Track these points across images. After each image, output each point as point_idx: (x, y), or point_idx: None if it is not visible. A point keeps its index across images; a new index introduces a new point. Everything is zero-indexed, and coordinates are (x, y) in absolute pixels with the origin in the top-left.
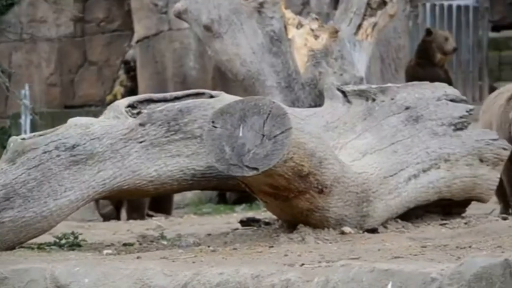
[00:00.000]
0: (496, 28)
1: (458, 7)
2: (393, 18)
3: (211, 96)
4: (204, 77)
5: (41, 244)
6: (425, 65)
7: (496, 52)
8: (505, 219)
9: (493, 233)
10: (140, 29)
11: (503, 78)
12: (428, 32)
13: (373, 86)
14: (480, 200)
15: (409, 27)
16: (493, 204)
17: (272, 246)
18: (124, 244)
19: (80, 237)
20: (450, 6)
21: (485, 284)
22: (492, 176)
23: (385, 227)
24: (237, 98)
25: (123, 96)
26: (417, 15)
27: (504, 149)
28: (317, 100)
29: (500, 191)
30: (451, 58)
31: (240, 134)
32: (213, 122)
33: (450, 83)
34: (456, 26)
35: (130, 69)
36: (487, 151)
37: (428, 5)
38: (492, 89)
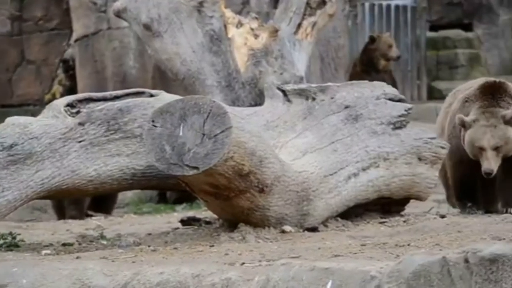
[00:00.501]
0: (434, 27)
1: (397, 7)
2: (333, 18)
3: (151, 95)
4: (144, 76)
5: None
6: (370, 71)
7: (434, 52)
8: (443, 217)
9: (431, 231)
10: (79, 28)
11: (441, 77)
12: (372, 39)
13: (313, 85)
14: (419, 198)
15: (348, 26)
16: (432, 202)
17: (212, 245)
18: (63, 244)
19: (18, 238)
20: (388, 6)
21: (423, 282)
22: (430, 174)
23: (326, 226)
24: (177, 97)
25: (62, 95)
26: (356, 15)
27: (442, 147)
28: (258, 99)
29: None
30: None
31: (180, 133)
32: (153, 121)
33: (396, 87)
34: (395, 26)
35: (69, 68)
36: (426, 150)
37: (367, 4)
38: (430, 88)
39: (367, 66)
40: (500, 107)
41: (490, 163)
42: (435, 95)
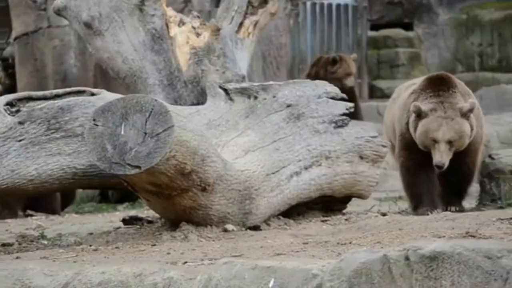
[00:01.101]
0: (374, 27)
1: (338, 6)
2: (274, 17)
3: (92, 94)
4: (85, 74)
5: None
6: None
7: (375, 51)
8: (384, 215)
9: (372, 229)
10: (18, 26)
11: (382, 76)
12: (334, 61)
13: (255, 84)
14: (360, 196)
15: (290, 25)
16: (373, 200)
17: (154, 245)
18: (3, 245)
19: None
20: (330, 5)
21: (364, 279)
22: (372, 173)
23: (268, 224)
24: (119, 96)
25: (1, 94)
26: (298, 14)
27: (383, 146)
28: (200, 98)
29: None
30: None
31: (122, 132)
32: (94, 120)
33: (354, 100)
34: (336, 25)
35: (8, 66)
36: (367, 148)
37: (308, 3)
38: (371, 87)
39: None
40: (456, 96)
41: (442, 156)
42: (376, 94)
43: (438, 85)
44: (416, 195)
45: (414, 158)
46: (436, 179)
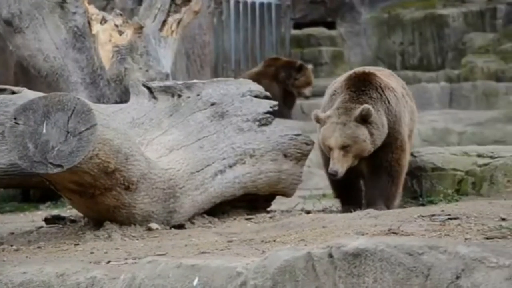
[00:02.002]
0: (298, 25)
1: (261, 4)
2: (198, 15)
3: (13, 92)
4: (5, 73)
5: None
6: (282, 87)
7: (299, 49)
8: (308, 212)
9: (297, 226)
10: None
11: None
12: (299, 68)
13: (179, 82)
14: (285, 194)
15: (213, 23)
16: (297, 198)
17: (77, 244)
18: None
19: None
20: (253, 4)
21: (288, 277)
22: (296, 171)
23: (192, 223)
24: (41, 94)
25: None
26: (222, 12)
27: (307, 144)
28: (123, 96)
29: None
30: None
31: (44, 131)
32: (15, 118)
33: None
34: (260, 23)
35: None
36: (291, 147)
37: (232, 2)
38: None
39: (281, 82)
40: (360, 102)
41: (335, 164)
42: None
43: (353, 86)
44: (340, 196)
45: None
46: (360, 181)
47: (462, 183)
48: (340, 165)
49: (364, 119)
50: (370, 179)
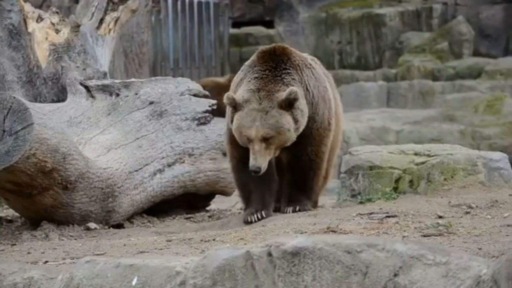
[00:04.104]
0: (236, 24)
1: (199, 3)
2: (136, 13)
3: None
4: None
5: None
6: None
7: (237, 48)
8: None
9: (236, 225)
10: None
11: None
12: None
13: (117, 81)
14: (224, 193)
15: (151, 22)
16: (236, 197)
17: (14, 244)
18: None
19: None
20: (191, 2)
21: (228, 276)
22: None
23: (131, 222)
24: None
25: None
26: (160, 11)
27: None
28: (60, 95)
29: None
30: None
31: None
32: None
33: None
34: (198, 22)
35: None
36: None
37: (170, 0)
38: None
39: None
40: (284, 82)
41: (257, 159)
42: None
43: (269, 61)
44: (244, 195)
45: (240, 152)
46: (274, 175)
47: (399, 181)
48: (262, 159)
49: (290, 104)
50: (290, 172)
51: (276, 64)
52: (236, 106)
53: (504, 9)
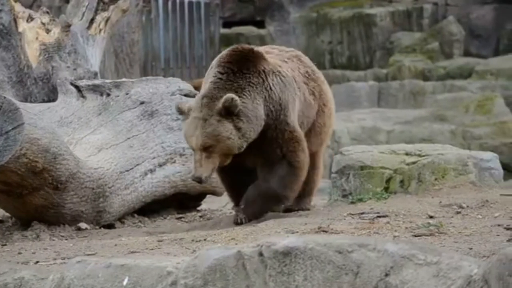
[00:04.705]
0: (227, 24)
1: (190, 3)
2: (126, 13)
3: None
4: None
5: None
6: None
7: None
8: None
9: (227, 225)
10: None
11: None
12: None
13: (108, 81)
14: (215, 193)
15: (142, 22)
16: (227, 197)
17: (5, 245)
18: None
19: None
20: (182, 2)
21: (219, 276)
22: None
23: (122, 222)
24: None
25: None
26: (150, 10)
27: None
28: (51, 95)
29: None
30: None
31: None
32: None
33: None
34: (189, 22)
35: None
36: None
37: (160, 0)
38: None
39: None
40: (230, 88)
41: (197, 169)
42: None
43: (231, 64)
44: (232, 194)
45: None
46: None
47: (390, 181)
48: (203, 169)
49: (229, 112)
50: (263, 175)
51: (238, 68)
52: (182, 115)
53: (495, 9)
